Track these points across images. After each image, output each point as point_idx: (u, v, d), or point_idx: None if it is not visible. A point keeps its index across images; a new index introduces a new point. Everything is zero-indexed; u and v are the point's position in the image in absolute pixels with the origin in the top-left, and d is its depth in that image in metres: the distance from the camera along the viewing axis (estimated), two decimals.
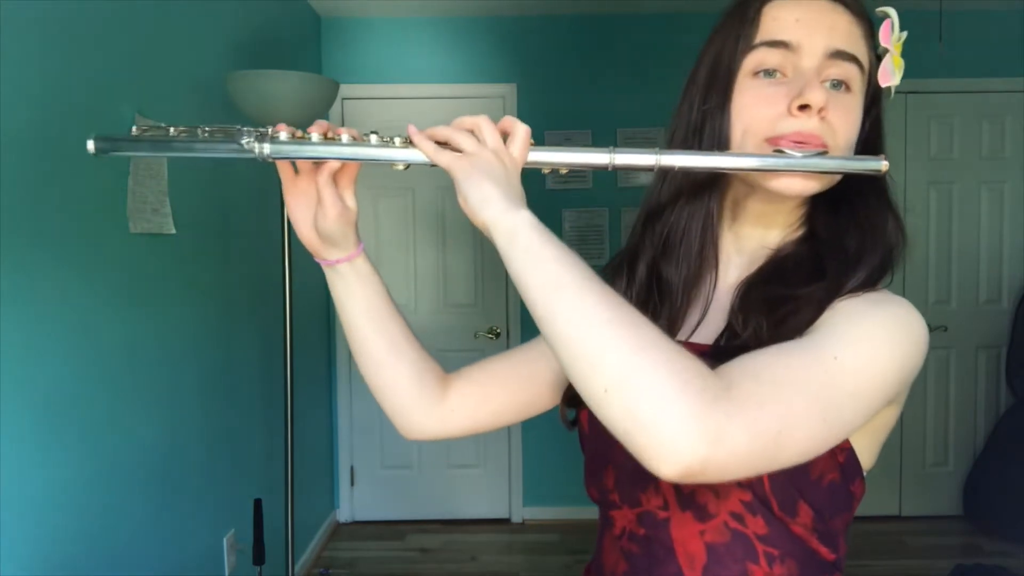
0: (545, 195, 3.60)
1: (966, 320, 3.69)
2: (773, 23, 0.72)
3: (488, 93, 3.64)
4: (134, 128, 0.72)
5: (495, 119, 0.75)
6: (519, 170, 0.70)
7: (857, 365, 0.63)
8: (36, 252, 1.44)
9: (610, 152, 0.69)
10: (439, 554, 3.44)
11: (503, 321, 3.73)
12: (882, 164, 0.70)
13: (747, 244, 0.80)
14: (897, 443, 3.73)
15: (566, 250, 0.62)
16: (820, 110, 0.69)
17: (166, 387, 1.98)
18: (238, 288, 2.50)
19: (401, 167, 0.72)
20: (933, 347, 3.60)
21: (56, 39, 1.51)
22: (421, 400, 0.86)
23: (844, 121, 0.71)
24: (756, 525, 0.71)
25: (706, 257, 0.79)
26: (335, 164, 0.74)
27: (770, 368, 0.60)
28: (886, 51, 0.74)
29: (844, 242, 0.74)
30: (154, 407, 1.91)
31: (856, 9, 0.74)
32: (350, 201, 0.78)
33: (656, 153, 0.69)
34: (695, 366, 0.55)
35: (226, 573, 2.35)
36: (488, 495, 3.79)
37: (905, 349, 0.66)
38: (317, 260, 0.82)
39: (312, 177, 0.76)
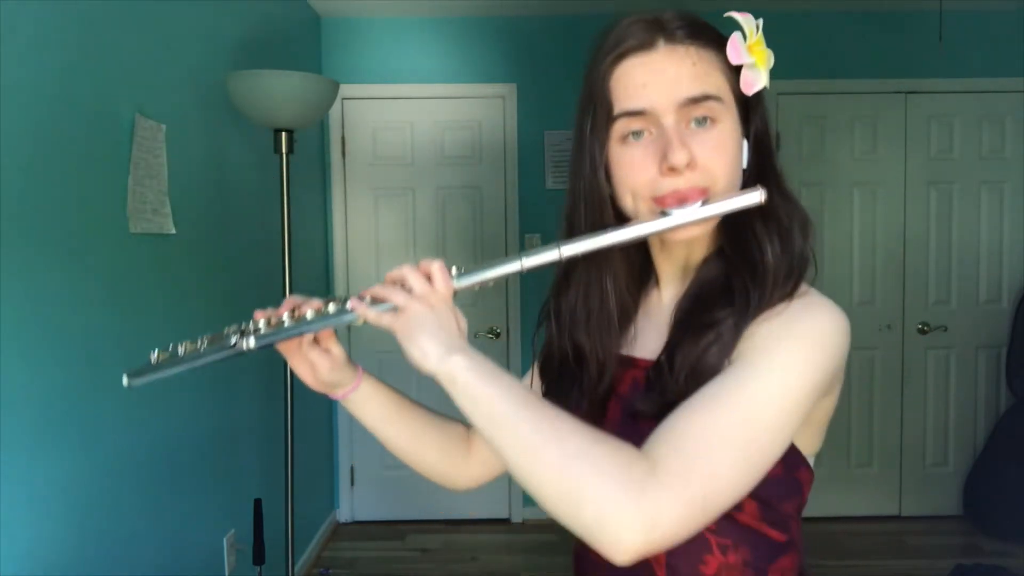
0: (545, 195, 3.62)
1: (966, 320, 3.69)
2: (624, 92, 0.77)
3: (488, 93, 3.64)
4: (152, 356, 0.90)
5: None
6: (449, 303, 0.77)
7: (772, 398, 0.69)
8: (36, 252, 1.45)
9: (519, 258, 0.77)
10: (439, 554, 3.44)
11: (503, 321, 3.73)
12: (759, 197, 0.74)
13: (678, 262, 0.86)
14: (897, 443, 3.73)
15: (499, 384, 0.69)
16: (688, 164, 0.74)
17: (166, 387, 1.98)
18: (238, 288, 2.50)
19: (360, 322, 0.80)
20: (933, 347, 3.65)
21: (56, 39, 1.51)
22: (451, 466, 0.98)
23: (717, 156, 0.76)
24: None
25: (612, 319, 0.86)
26: (309, 336, 0.85)
27: (691, 434, 0.67)
28: (740, 66, 0.77)
29: (749, 259, 0.78)
30: (154, 407, 1.91)
31: (698, 41, 0.77)
32: (335, 350, 0.88)
33: (557, 247, 0.76)
34: (620, 460, 0.64)
35: (226, 573, 2.35)
36: (488, 495, 3.78)
37: (820, 357, 0.72)
38: (331, 398, 0.93)
39: (299, 345, 0.88)
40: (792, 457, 0.77)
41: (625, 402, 0.84)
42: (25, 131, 1.41)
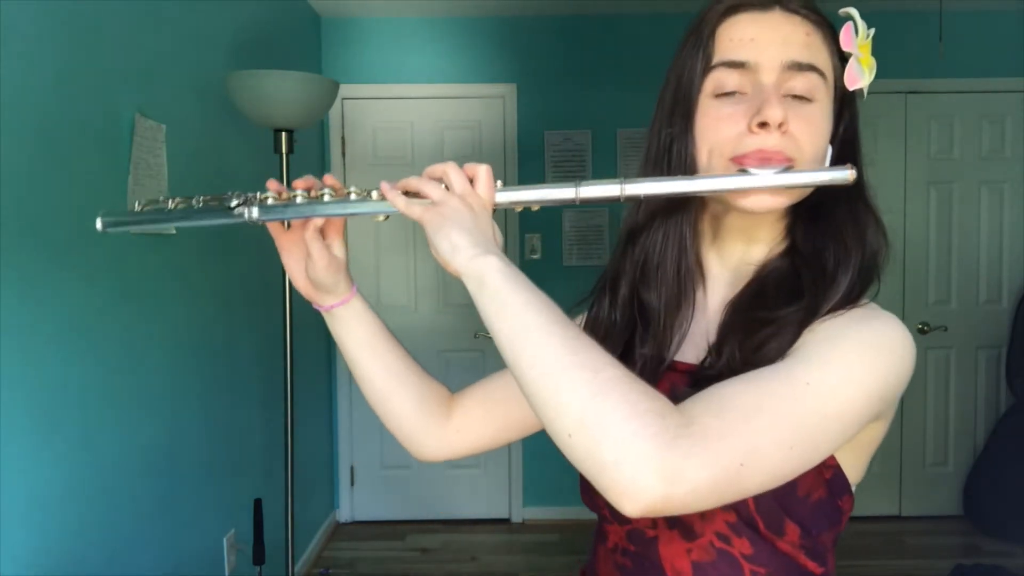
0: None
1: (966, 320, 3.69)
2: (729, 43, 0.72)
3: (488, 93, 3.64)
4: (136, 204, 0.78)
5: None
6: (489, 211, 0.72)
7: (829, 389, 0.62)
8: (36, 252, 1.45)
9: (575, 186, 0.71)
10: (439, 554, 3.44)
11: None
12: (848, 174, 0.68)
13: (731, 260, 0.79)
14: (897, 443, 3.73)
15: (534, 293, 0.63)
16: (780, 125, 0.68)
17: (166, 387, 1.98)
18: (238, 288, 2.50)
19: (381, 218, 0.74)
20: (933, 347, 3.65)
21: (56, 39, 1.51)
22: (426, 425, 0.89)
23: (808, 132, 0.70)
24: (742, 545, 0.71)
25: (688, 276, 0.79)
26: (320, 220, 0.78)
27: (735, 399, 0.60)
28: (850, 55, 0.72)
29: (822, 257, 0.73)
30: (154, 407, 1.91)
31: (813, 17, 0.73)
32: (338, 251, 0.82)
33: (620, 183, 0.70)
34: (655, 406, 0.56)
35: (226, 573, 2.35)
36: (488, 495, 3.79)
37: (885, 367, 0.66)
38: (315, 307, 0.85)
39: (301, 231, 0.80)
40: (838, 483, 0.72)
41: None
42: (25, 131, 1.41)
